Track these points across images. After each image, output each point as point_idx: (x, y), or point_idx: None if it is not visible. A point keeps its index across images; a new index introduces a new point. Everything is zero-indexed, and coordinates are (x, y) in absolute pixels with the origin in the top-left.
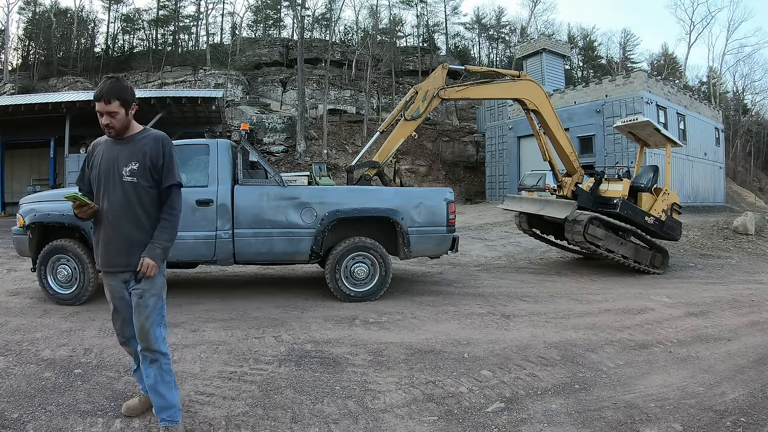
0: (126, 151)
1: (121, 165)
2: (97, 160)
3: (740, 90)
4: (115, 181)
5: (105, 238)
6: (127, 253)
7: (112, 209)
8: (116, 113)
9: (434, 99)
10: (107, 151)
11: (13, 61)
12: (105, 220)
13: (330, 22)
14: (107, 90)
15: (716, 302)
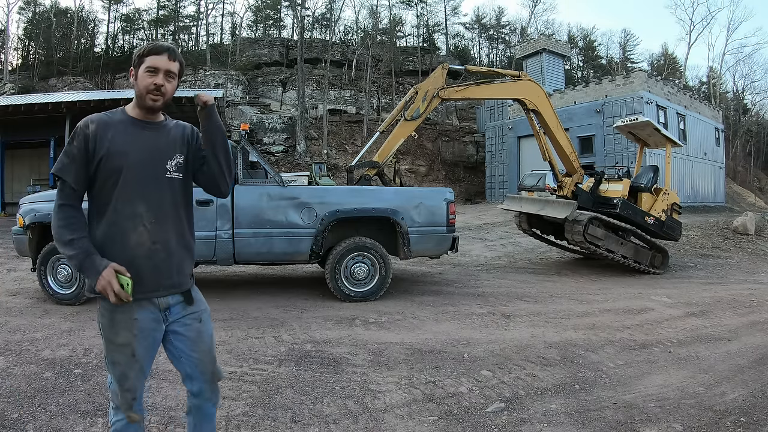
0: (164, 139)
1: (163, 157)
2: (117, 147)
3: (740, 90)
4: (158, 178)
5: (141, 252)
6: (178, 270)
7: (152, 214)
8: (174, 77)
9: (434, 99)
10: (135, 137)
11: (13, 61)
12: (138, 229)
13: (330, 22)
14: (173, 47)
15: (716, 302)
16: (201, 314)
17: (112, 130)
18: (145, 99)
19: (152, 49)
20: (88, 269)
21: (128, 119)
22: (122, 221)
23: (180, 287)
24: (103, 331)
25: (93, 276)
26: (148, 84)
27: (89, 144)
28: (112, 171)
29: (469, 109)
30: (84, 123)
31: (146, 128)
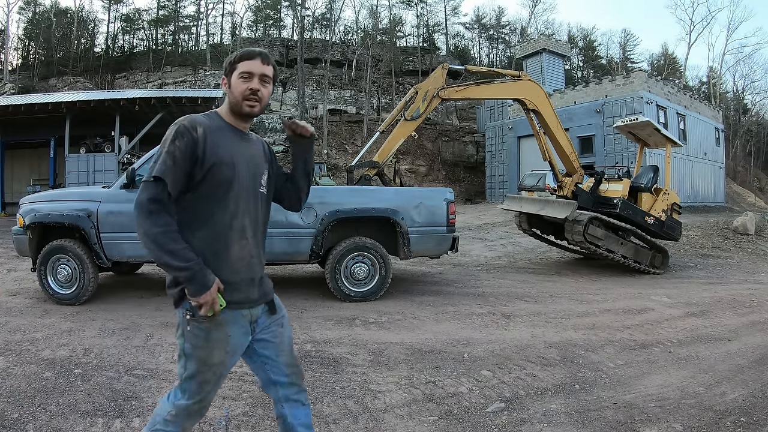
0: (256, 152)
1: (258, 170)
2: (227, 156)
3: (740, 90)
4: (255, 192)
5: (242, 267)
6: (266, 281)
7: (251, 228)
8: (269, 81)
9: (434, 99)
10: (238, 147)
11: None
12: (242, 242)
13: (330, 22)
14: (265, 51)
15: (716, 302)
16: (282, 319)
17: (219, 137)
18: (242, 106)
19: (244, 54)
20: (198, 282)
21: (228, 126)
22: (228, 234)
23: (266, 297)
24: (195, 350)
25: (200, 290)
26: (243, 90)
27: (197, 149)
28: (222, 181)
29: (469, 109)
30: (190, 124)
31: (243, 138)
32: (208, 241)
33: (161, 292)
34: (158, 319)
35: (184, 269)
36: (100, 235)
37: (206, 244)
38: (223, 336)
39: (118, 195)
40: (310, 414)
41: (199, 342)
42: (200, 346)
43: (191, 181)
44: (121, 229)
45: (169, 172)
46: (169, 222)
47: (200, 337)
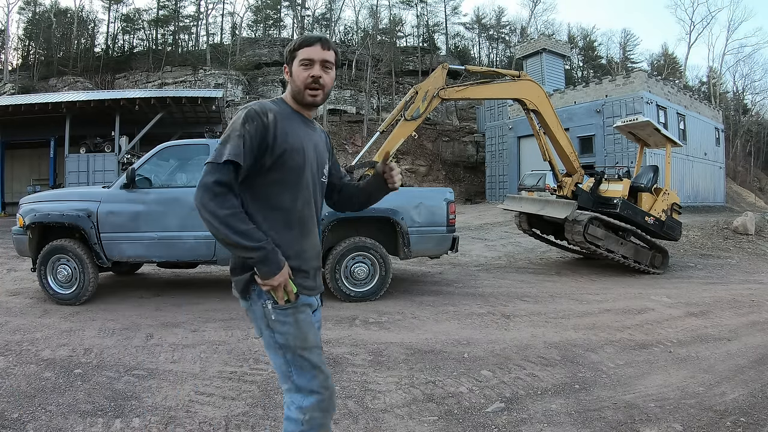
0: (317, 140)
1: (323, 159)
2: (297, 142)
3: (740, 90)
4: (319, 180)
5: (312, 255)
6: (319, 271)
7: (317, 213)
8: (331, 66)
9: (434, 99)
10: (306, 135)
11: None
12: (313, 231)
13: (330, 22)
14: (325, 36)
15: (716, 302)
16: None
17: (288, 124)
18: (304, 95)
19: (303, 41)
20: (271, 262)
21: (296, 114)
22: (301, 221)
23: (321, 288)
24: (289, 338)
25: (273, 271)
26: (305, 78)
27: (268, 135)
28: (293, 168)
29: (469, 109)
30: (260, 109)
31: (309, 126)
32: (281, 228)
33: (161, 292)
34: (158, 319)
35: (256, 249)
36: (100, 235)
37: (278, 231)
38: (308, 316)
39: (118, 195)
40: None
41: (290, 328)
42: (292, 333)
43: (260, 167)
44: (121, 229)
45: (239, 155)
46: (236, 204)
47: (289, 322)
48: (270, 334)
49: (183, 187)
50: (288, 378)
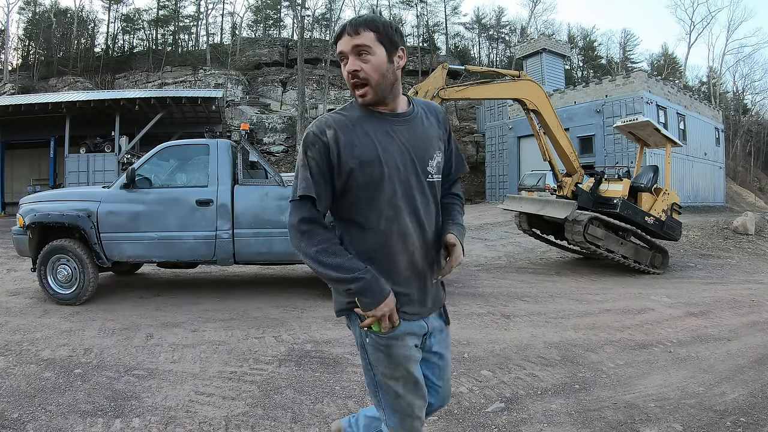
0: (420, 133)
1: (424, 155)
2: (369, 152)
3: (740, 90)
4: (421, 182)
5: (413, 274)
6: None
7: (420, 227)
8: (367, 50)
9: (434, 99)
10: (387, 136)
11: (13, 61)
12: (410, 248)
13: (330, 22)
14: (353, 19)
15: (716, 302)
16: (447, 338)
17: (356, 133)
18: (354, 94)
19: (336, 35)
20: (373, 292)
21: (370, 115)
22: (390, 242)
23: (439, 303)
24: (378, 365)
25: (375, 301)
26: (346, 76)
27: (330, 154)
28: (369, 183)
29: (469, 109)
30: (318, 129)
31: (396, 122)
32: (371, 252)
33: (161, 292)
34: (158, 319)
35: (354, 280)
36: (100, 235)
37: (369, 254)
38: (404, 349)
39: (118, 195)
40: None
41: (381, 356)
42: (383, 362)
43: (337, 190)
44: (121, 229)
45: (309, 188)
46: (327, 237)
47: (382, 350)
48: (363, 353)
49: (183, 187)
50: (375, 395)
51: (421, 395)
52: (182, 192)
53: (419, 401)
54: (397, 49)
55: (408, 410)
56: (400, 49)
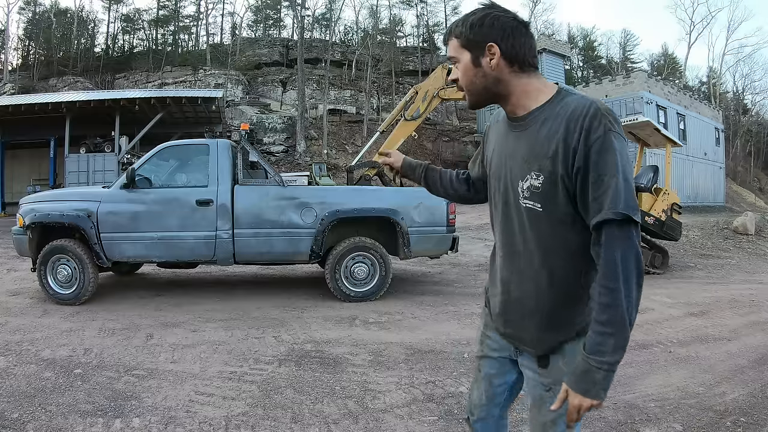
0: (521, 147)
1: (517, 172)
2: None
3: (740, 90)
4: (508, 200)
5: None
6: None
7: (505, 244)
8: (456, 57)
9: (434, 99)
10: (500, 144)
11: (13, 61)
12: (500, 252)
13: (330, 22)
14: (449, 28)
15: (716, 302)
16: (552, 386)
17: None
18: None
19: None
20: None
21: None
22: (495, 249)
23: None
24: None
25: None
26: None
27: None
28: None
29: (469, 109)
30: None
31: (513, 129)
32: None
33: (161, 292)
34: (158, 319)
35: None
36: (100, 235)
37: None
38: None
39: (118, 195)
40: None
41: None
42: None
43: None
44: (121, 229)
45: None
46: None
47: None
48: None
49: (183, 187)
50: None
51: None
52: (182, 192)
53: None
54: (483, 48)
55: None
56: (488, 47)
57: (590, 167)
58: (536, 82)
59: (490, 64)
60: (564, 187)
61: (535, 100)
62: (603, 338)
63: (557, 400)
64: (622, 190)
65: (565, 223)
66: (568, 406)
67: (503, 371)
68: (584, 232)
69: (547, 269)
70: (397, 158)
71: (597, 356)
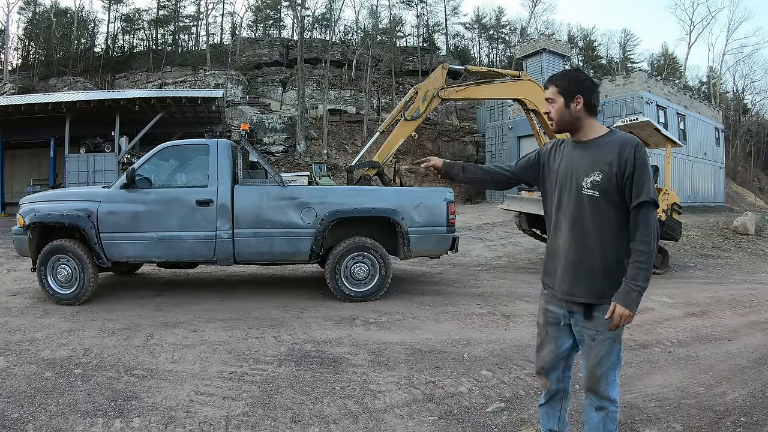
0: (588, 157)
1: (582, 173)
2: (556, 160)
3: (740, 90)
4: (571, 191)
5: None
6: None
7: (569, 221)
8: (553, 100)
9: (434, 99)
10: (566, 155)
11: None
12: (564, 228)
13: (330, 22)
14: (550, 77)
15: (716, 302)
16: (596, 334)
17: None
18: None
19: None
20: None
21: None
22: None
23: (575, 297)
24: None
25: None
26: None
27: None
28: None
29: (469, 109)
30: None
31: (577, 148)
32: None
33: (161, 292)
34: (158, 319)
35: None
36: (100, 235)
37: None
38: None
39: (118, 195)
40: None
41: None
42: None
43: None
44: (121, 229)
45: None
46: None
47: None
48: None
49: (183, 187)
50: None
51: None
52: (182, 192)
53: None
54: (573, 97)
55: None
56: (577, 98)
57: (635, 171)
58: (596, 122)
59: (576, 108)
60: (615, 182)
61: (596, 133)
62: (639, 272)
63: (608, 312)
64: (652, 187)
65: (611, 204)
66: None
67: (564, 334)
68: (621, 212)
69: (598, 236)
70: (437, 160)
71: (635, 282)
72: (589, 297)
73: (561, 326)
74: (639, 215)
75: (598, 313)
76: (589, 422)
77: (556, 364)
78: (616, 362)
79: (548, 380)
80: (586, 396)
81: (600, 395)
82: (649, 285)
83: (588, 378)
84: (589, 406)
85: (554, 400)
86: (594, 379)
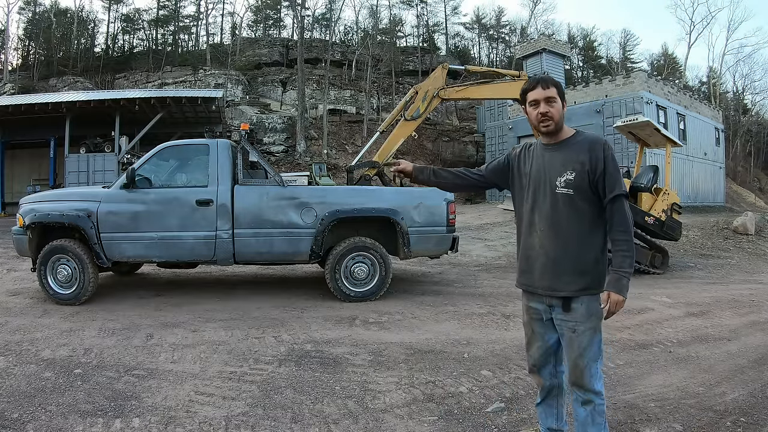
0: (559, 157)
1: (554, 172)
2: (527, 163)
3: (740, 90)
4: (546, 190)
5: (541, 252)
6: (558, 273)
7: (545, 220)
8: (554, 100)
9: (434, 99)
10: (537, 157)
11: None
12: (540, 227)
13: (330, 22)
14: (543, 77)
15: (716, 302)
16: (576, 326)
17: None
18: (539, 128)
19: (527, 86)
20: None
21: (538, 145)
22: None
23: (555, 291)
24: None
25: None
26: (535, 116)
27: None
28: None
29: (469, 109)
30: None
31: (547, 150)
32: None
33: (161, 292)
34: (158, 319)
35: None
36: (100, 235)
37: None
38: (525, 306)
39: (118, 195)
40: (582, 416)
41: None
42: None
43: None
44: (121, 229)
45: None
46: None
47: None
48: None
49: (183, 187)
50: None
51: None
52: (182, 192)
53: (531, 350)
54: (563, 101)
55: (528, 351)
56: (564, 102)
57: (606, 168)
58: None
59: (564, 110)
60: (588, 179)
61: (565, 134)
62: (624, 259)
63: (602, 301)
64: (622, 181)
65: (585, 200)
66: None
67: (549, 329)
68: (594, 207)
69: (574, 231)
70: (407, 164)
71: (622, 269)
72: (569, 290)
73: (544, 321)
74: (614, 208)
75: (576, 304)
76: (577, 418)
77: (547, 359)
78: (597, 353)
79: (541, 377)
80: (571, 391)
81: (585, 388)
82: (648, 285)
83: (572, 371)
84: (576, 401)
85: (550, 397)
86: (578, 371)
